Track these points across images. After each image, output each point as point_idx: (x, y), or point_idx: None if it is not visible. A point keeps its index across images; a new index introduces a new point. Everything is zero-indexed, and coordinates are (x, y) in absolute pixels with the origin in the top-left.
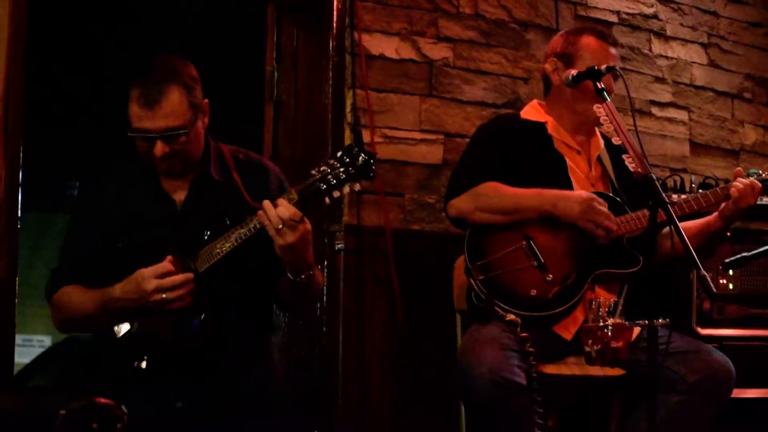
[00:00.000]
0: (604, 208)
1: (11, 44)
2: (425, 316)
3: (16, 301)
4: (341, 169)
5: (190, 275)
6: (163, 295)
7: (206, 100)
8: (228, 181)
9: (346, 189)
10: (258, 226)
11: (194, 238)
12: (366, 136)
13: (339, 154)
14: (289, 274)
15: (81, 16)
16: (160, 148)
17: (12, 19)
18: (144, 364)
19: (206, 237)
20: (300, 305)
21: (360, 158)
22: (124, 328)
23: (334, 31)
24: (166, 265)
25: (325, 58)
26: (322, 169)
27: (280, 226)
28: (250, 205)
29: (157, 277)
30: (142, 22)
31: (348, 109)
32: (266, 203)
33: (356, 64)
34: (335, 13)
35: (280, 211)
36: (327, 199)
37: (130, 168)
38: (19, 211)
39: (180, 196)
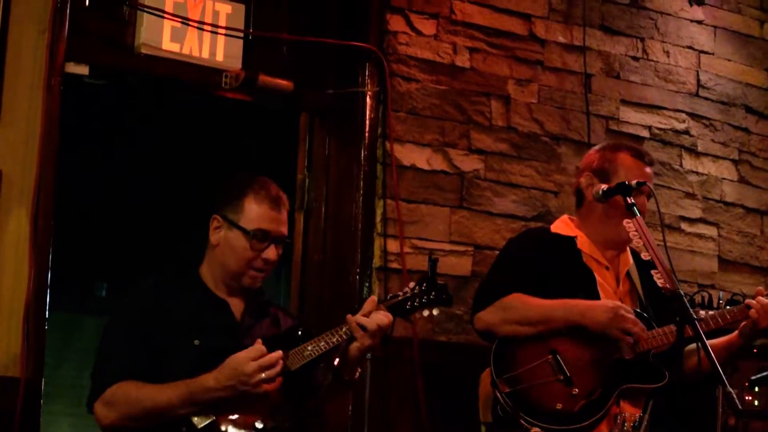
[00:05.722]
0: (632, 315)
1: (43, 145)
2: (450, 427)
3: (42, 401)
4: (423, 295)
5: (280, 352)
6: (263, 374)
7: None
8: (270, 312)
9: (426, 312)
10: (348, 333)
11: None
12: (395, 246)
13: (419, 281)
14: (345, 375)
15: (111, 122)
16: (275, 252)
17: (45, 118)
18: None
19: (299, 334)
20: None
21: (438, 287)
22: (202, 420)
23: (366, 141)
24: (258, 347)
25: (357, 167)
26: (406, 290)
27: (376, 330)
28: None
29: (253, 359)
30: (174, 128)
31: (378, 218)
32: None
33: (387, 173)
34: (368, 122)
35: (379, 318)
36: (412, 318)
37: (174, 277)
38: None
39: (236, 310)
